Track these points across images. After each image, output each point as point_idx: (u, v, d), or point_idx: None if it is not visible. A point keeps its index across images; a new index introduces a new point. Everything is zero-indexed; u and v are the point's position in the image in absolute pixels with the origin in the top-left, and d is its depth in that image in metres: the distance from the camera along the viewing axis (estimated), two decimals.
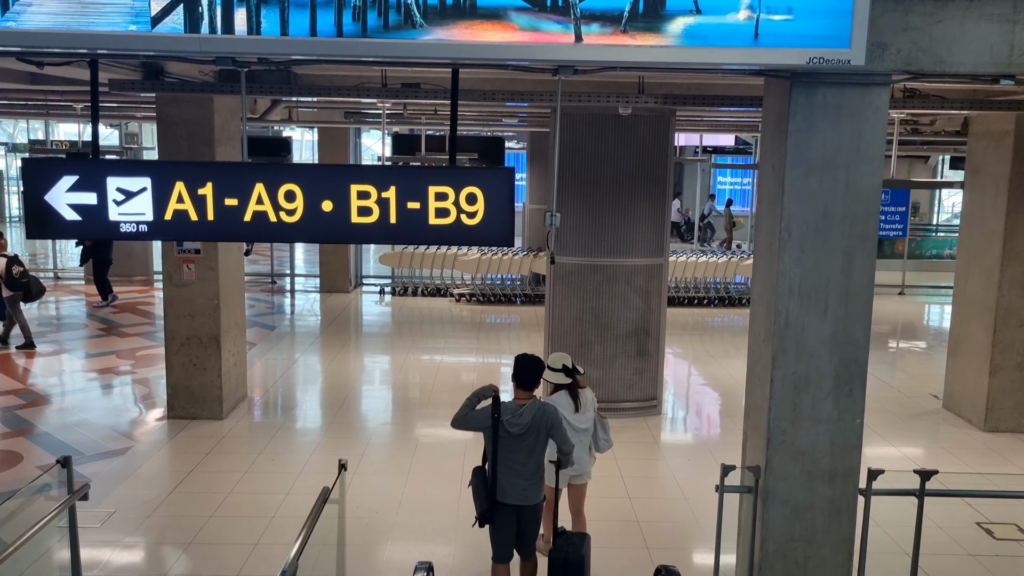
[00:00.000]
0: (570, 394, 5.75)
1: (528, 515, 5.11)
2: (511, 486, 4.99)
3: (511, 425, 4.94)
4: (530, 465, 5.01)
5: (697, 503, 7.08)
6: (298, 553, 4.03)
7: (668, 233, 9.21)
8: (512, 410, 4.98)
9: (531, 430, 4.96)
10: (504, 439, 4.94)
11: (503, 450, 4.95)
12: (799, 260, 4.82)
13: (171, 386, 8.87)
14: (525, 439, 4.96)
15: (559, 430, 5.08)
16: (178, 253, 8.64)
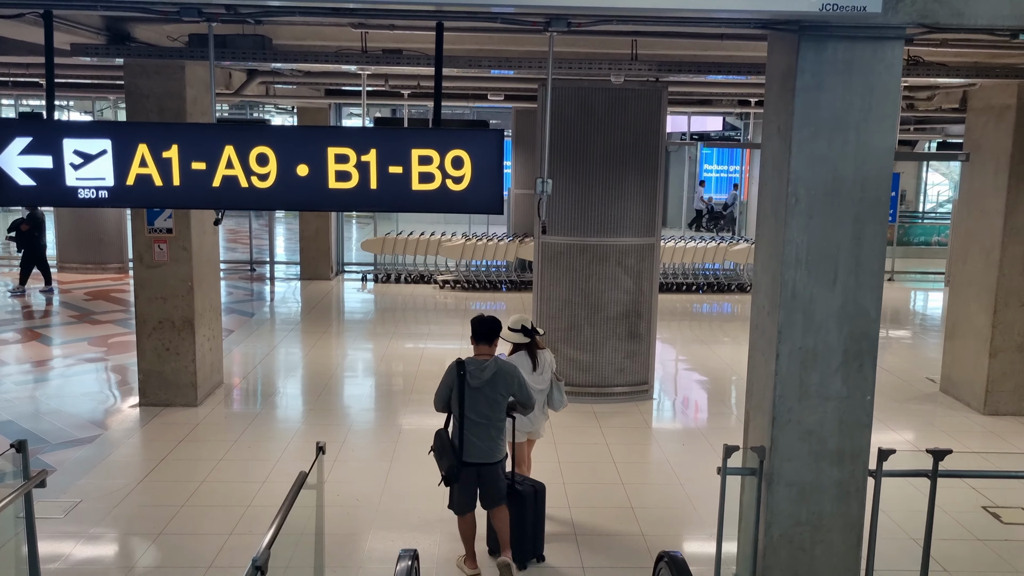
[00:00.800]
0: (529, 354, 6.00)
1: (489, 473, 5.28)
2: (473, 444, 5.18)
3: (473, 378, 5.15)
4: (492, 420, 5.22)
5: (693, 488, 6.80)
6: (271, 541, 3.70)
7: (660, 212, 8.92)
8: (476, 364, 5.21)
9: (492, 385, 5.17)
10: (468, 395, 5.15)
11: (468, 407, 5.16)
12: (807, 227, 4.53)
13: (143, 372, 8.49)
14: (486, 393, 5.17)
15: (524, 389, 5.33)
16: (149, 232, 8.26)
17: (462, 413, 5.18)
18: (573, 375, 8.92)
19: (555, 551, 5.72)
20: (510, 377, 5.26)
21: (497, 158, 4.62)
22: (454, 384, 5.19)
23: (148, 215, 8.22)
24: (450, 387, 5.21)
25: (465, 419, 5.17)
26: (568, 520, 6.21)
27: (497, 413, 5.22)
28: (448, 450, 5.20)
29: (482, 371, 5.17)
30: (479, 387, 5.16)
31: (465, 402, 5.16)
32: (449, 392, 5.22)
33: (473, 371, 5.17)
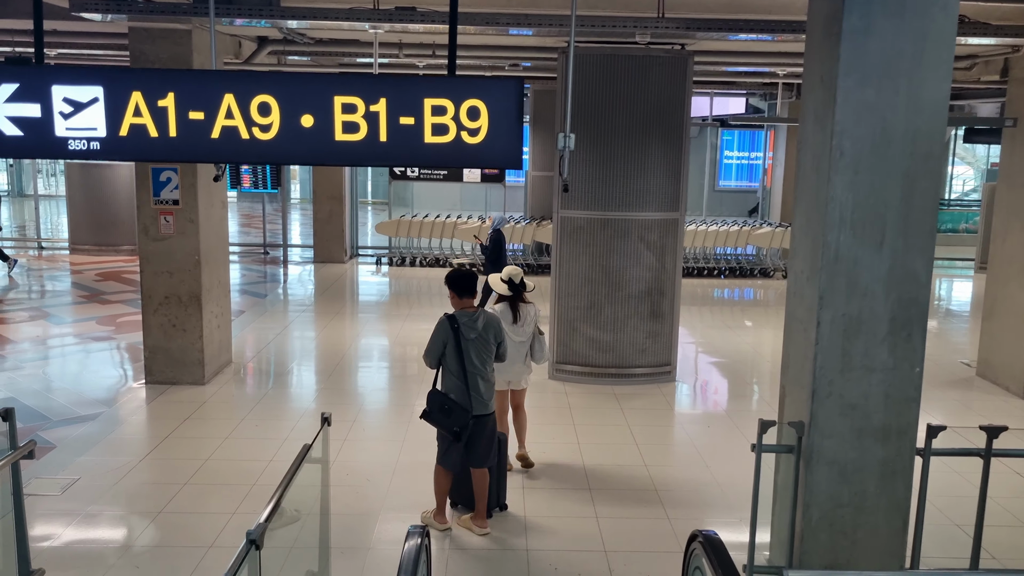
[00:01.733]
0: (511, 307, 6.17)
1: (482, 424, 5.32)
2: (470, 397, 5.21)
3: (468, 329, 5.22)
4: (487, 369, 5.32)
5: (720, 471, 6.46)
6: (269, 515, 3.40)
7: (685, 186, 8.55)
8: (468, 316, 5.27)
9: (484, 334, 5.28)
10: (463, 347, 5.19)
11: (463, 358, 5.20)
12: (852, 183, 4.17)
13: (148, 348, 8.22)
14: (481, 343, 5.25)
15: (504, 343, 5.46)
16: (155, 204, 7.98)
17: (456, 366, 5.21)
18: (593, 355, 8.59)
19: (577, 534, 5.41)
20: (498, 325, 5.44)
21: (516, 109, 4.29)
22: (449, 339, 5.21)
23: (154, 186, 7.94)
24: (444, 342, 5.23)
25: (460, 372, 5.21)
26: (589, 501, 5.89)
27: (488, 362, 5.34)
28: (456, 407, 5.19)
29: (475, 322, 5.26)
30: (474, 338, 5.23)
31: (460, 355, 5.20)
32: (443, 347, 5.23)
33: (467, 323, 5.24)
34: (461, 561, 5.07)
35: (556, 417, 7.67)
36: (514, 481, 6.21)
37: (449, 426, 5.20)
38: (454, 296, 5.38)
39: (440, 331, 5.25)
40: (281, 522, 5.34)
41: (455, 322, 5.22)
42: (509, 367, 6.06)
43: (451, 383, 5.26)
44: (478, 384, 5.26)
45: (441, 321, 5.27)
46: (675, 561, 5.07)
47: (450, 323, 5.23)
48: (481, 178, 15.74)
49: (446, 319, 5.26)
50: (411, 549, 3.45)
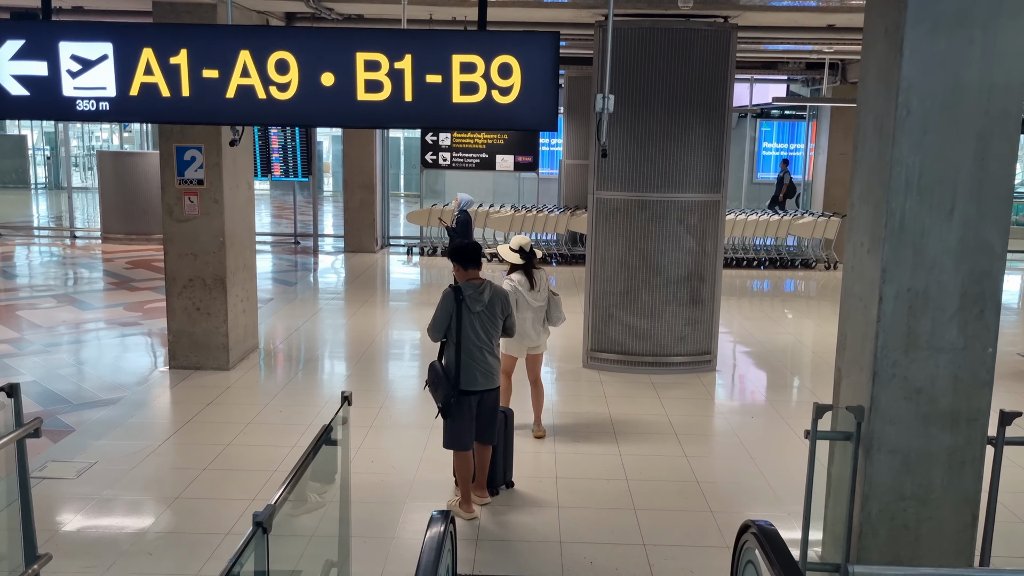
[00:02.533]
0: (526, 273, 6.21)
1: (489, 400, 5.20)
2: (476, 371, 5.08)
3: (474, 302, 5.05)
4: (491, 343, 5.14)
5: (766, 463, 6.09)
6: (281, 498, 3.12)
7: (727, 166, 8.16)
8: (473, 288, 5.09)
9: (490, 307, 5.12)
10: (467, 319, 5.03)
11: (467, 331, 5.04)
12: (920, 145, 3.80)
13: (172, 332, 8.03)
14: (486, 316, 5.10)
15: (512, 315, 5.34)
16: (179, 184, 7.77)
17: (460, 339, 5.05)
18: (628, 343, 8.24)
19: (613, 526, 5.08)
20: (505, 298, 5.28)
21: (551, 66, 4.00)
22: (453, 312, 5.03)
23: (178, 165, 7.74)
24: (449, 314, 5.05)
25: (463, 345, 5.05)
26: (625, 492, 5.56)
27: (494, 336, 5.17)
28: (443, 380, 5.07)
29: (480, 294, 5.09)
30: (480, 311, 5.08)
31: (463, 327, 5.04)
32: (449, 320, 5.06)
33: (472, 295, 5.07)
34: (490, 551, 4.77)
35: (591, 405, 7.34)
36: (547, 470, 5.91)
37: (437, 399, 5.12)
38: (459, 268, 5.19)
39: (445, 303, 5.06)
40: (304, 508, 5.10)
41: (460, 294, 5.04)
42: (529, 331, 6.20)
43: (451, 356, 5.11)
44: (485, 358, 5.10)
45: (446, 293, 5.09)
46: (720, 556, 4.73)
47: (455, 295, 5.04)
48: (514, 167, 15.42)
49: (451, 291, 5.07)
50: (434, 537, 3.16)
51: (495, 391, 5.24)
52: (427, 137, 15.30)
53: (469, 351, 5.06)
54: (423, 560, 2.97)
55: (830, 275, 14.37)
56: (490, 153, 15.24)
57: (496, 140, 15.21)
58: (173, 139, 7.71)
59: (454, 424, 5.15)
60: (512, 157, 15.32)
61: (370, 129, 14.80)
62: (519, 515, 5.22)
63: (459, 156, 15.28)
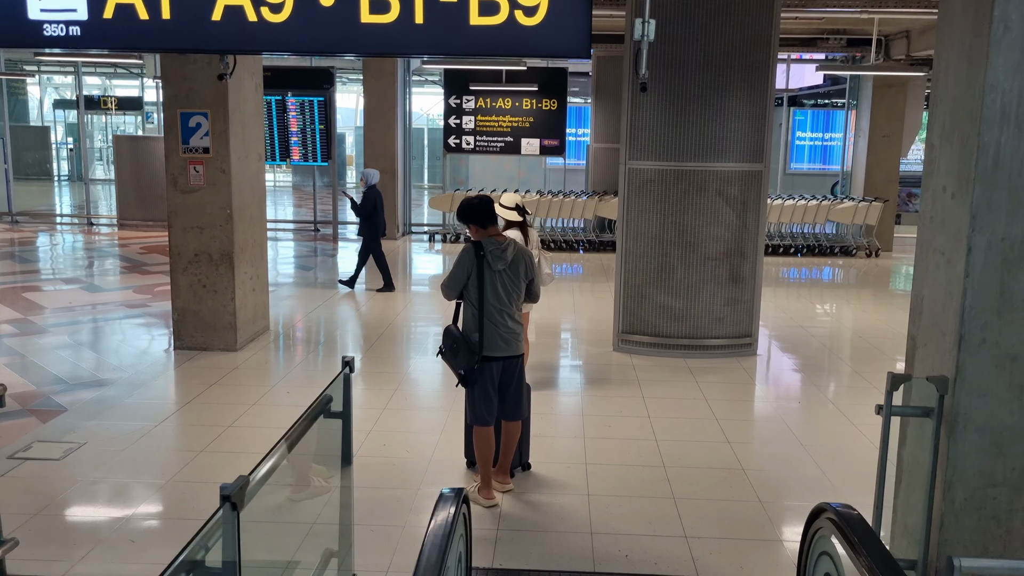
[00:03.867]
0: (522, 232, 5.93)
1: (513, 368, 4.70)
2: (497, 335, 4.58)
3: (496, 260, 4.55)
4: (513, 306, 4.65)
5: (819, 450, 5.51)
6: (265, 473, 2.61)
7: (770, 133, 7.57)
8: (495, 244, 4.59)
9: (514, 267, 4.62)
10: (488, 278, 4.54)
11: (487, 292, 4.55)
12: (1019, 66, 3.21)
13: (177, 311, 7.57)
14: (508, 276, 4.60)
15: (536, 278, 4.87)
16: (183, 153, 7.32)
17: (482, 300, 4.54)
18: (663, 324, 7.68)
19: (651, 516, 4.53)
20: (529, 259, 4.77)
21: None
22: (472, 269, 4.54)
23: (183, 132, 7.28)
24: (468, 272, 4.55)
25: (483, 307, 4.54)
26: (663, 479, 5.00)
27: (517, 298, 4.67)
28: (463, 345, 4.57)
29: (503, 252, 4.57)
30: (502, 270, 4.57)
31: (484, 287, 4.54)
32: (466, 278, 4.57)
33: (494, 251, 4.55)
34: (511, 542, 4.23)
35: (622, 389, 6.79)
36: (574, 455, 5.37)
37: (456, 366, 4.63)
38: (476, 229, 4.65)
39: (464, 260, 4.56)
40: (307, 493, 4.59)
41: (481, 249, 4.52)
42: None
43: (470, 320, 4.63)
44: (506, 322, 4.60)
45: (466, 249, 4.58)
46: (772, 551, 4.17)
47: (475, 250, 4.53)
48: (540, 151, 14.88)
49: (471, 246, 4.56)
50: (442, 522, 2.63)
51: (518, 359, 4.72)
52: (450, 120, 14.81)
53: (489, 314, 4.54)
54: (426, 549, 2.44)
55: (872, 263, 13.68)
56: (515, 137, 14.73)
57: (521, 123, 14.70)
58: (178, 104, 7.26)
59: (476, 395, 4.64)
60: (538, 141, 14.80)
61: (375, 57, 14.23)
62: (544, 503, 4.69)
63: (483, 140, 14.78)
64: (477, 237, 4.65)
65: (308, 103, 14.42)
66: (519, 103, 14.63)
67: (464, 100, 14.72)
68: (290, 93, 14.40)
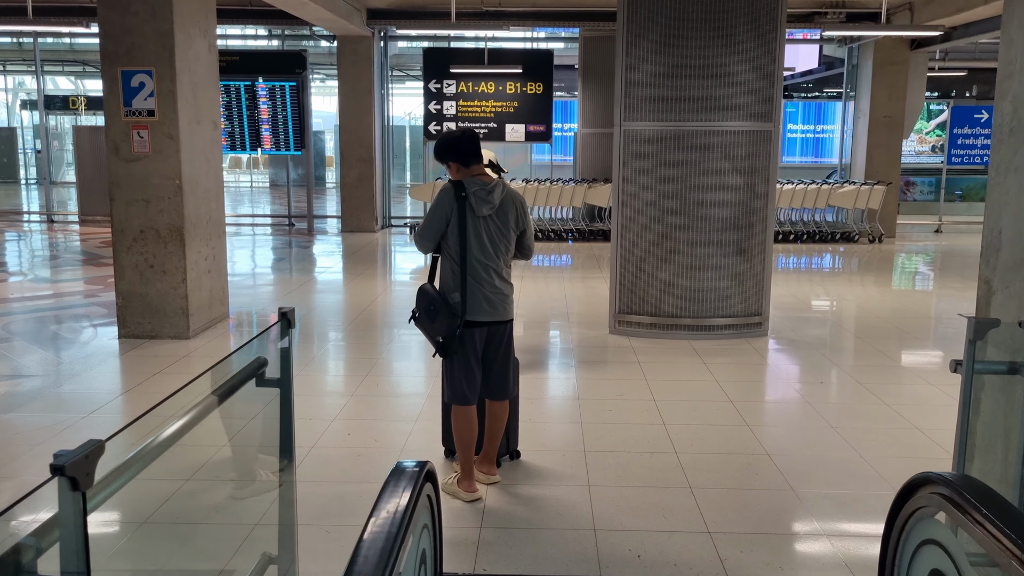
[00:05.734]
0: None
1: (499, 337, 3.94)
2: (481, 295, 3.82)
3: (480, 203, 3.77)
4: (501, 262, 3.88)
5: (851, 432, 4.77)
6: (152, 447, 1.84)
7: (780, 89, 6.85)
8: (481, 185, 3.80)
9: (502, 213, 3.85)
10: (471, 225, 3.77)
11: (471, 241, 3.78)
12: None
13: (121, 295, 6.77)
14: (496, 224, 3.84)
15: (530, 227, 4.02)
16: (126, 116, 6.53)
17: (464, 253, 3.78)
18: (665, 303, 6.93)
19: (665, 509, 3.77)
20: (521, 203, 3.96)
21: None
22: (452, 213, 3.77)
23: (124, 93, 6.49)
24: (447, 217, 3.79)
25: (468, 261, 3.79)
26: (676, 467, 4.24)
27: (505, 252, 3.90)
28: (443, 305, 3.81)
29: (489, 193, 3.80)
30: (488, 215, 3.81)
31: (468, 237, 3.77)
32: (445, 226, 3.81)
33: (479, 193, 3.78)
34: (498, 543, 3.45)
35: (622, 371, 6.04)
36: (571, 441, 4.60)
37: (434, 332, 3.86)
38: (457, 168, 3.87)
39: (442, 203, 3.81)
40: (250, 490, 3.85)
41: (463, 190, 3.77)
42: None
43: (450, 277, 3.87)
44: (492, 280, 3.85)
45: (445, 190, 3.83)
46: (815, 545, 3.42)
47: (456, 191, 3.78)
48: (525, 137, 14.14)
49: (451, 187, 3.82)
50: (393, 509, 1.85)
51: (506, 325, 3.96)
52: (430, 106, 14.06)
53: (472, 269, 3.81)
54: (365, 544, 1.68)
55: (875, 249, 12.99)
56: (499, 122, 13.98)
57: (506, 108, 13.96)
58: (118, 62, 6.47)
59: (455, 367, 3.88)
60: (523, 126, 14.06)
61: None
62: (537, 495, 3.92)
63: (465, 126, 14.02)
64: (458, 177, 3.90)
65: (279, 88, 13.65)
66: (503, 87, 13.90)
67: (445, 84, 13.97)
68: (260, 78, 13.62)
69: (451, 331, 3.80)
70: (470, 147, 3.87)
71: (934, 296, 9.34)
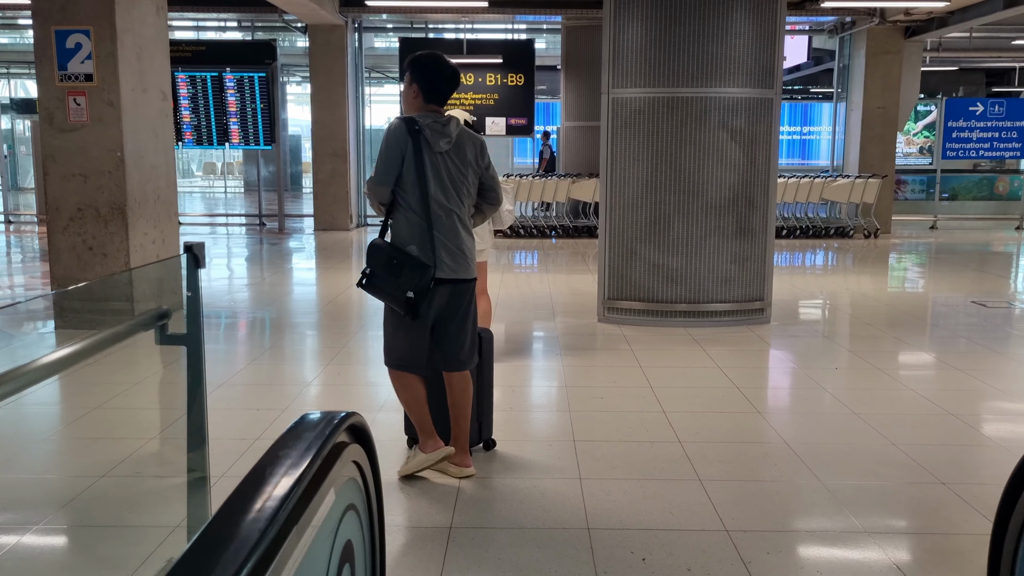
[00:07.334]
0: None
1: (460, 298, 3.36)
2: (441, 247, 3.25)
3: (436, 137, 3.24)
4: (462, 207, 3.33)
5: (878, 418, 4.17)
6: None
7: (781, 51, 6.30)
8: (433, 118, 3.27)
9: (459, 151, 3.31)
10: (431, 163, 3.23)
11: (432, 182, 3.23)
12: None
13: (56, 280, 6.11)
14: (454, 164, 3.30)
15: (492, 168, 3.46)
16: (60, 80, 5.88)
17: (424, 195, 3.22)
18: (658, 288, 6.33)
19: (671, 505, 3.15)
20: (481, 144, 3.43)
21: None
22: (406, 150, 3.21)
23: (58, 55, 5.85)
24: (401, 154, 3.22)
25: (429, 206, 3.22)
26: (681, 457, 3.62)
27: (469, 196, 3.37)
28: (409, 260, 3.20)
29: (445, 126, 3.27)
30: (446, 152, 3.27)
31: (427, 176, 3.22)
32: (400, 163, 3.22)
33: (433, 126, 3.24)
34: (472, 544, 2.81)
35: (613, 358, 5.43)
36: (558, 430, 3.99)
37: (399, 290, 3.22)
38: (417, 95, 3.29)
39: (395, 138, 3.23)
40: None
41: (415, 123, 3.22)
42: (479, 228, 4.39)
43: (406, 226, 3.28)
44: (454, 225, 3.29)
45: (394, 126, 3.26)
46: (856, 545, 2.81)
47: (407, 126, 3.22)
48: (507, 130, 13.57)
49: (401, 121, 3.25)
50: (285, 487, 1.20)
51: (468, 284, 3.38)
52: None
53: (435, 215, 3.24)
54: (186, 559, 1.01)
55: (871, 244, 12.47)
56: (479, 116, 13.37)
57: (486, 100, 13.39)
58: (51, 20, 5.84)
59: (401, 329, 3.32)
60: (504, 120, 13.50)
61: None
62: (519, 489, 3.28)
63: None
64: (412, 110, 3.30)
65: (248, 79, 13.00)
66: (482, 78, 13.33)
67: None
68: (228, 69, 12.97)
69: (424, 284, 3.21)
70: (447, 84, 3.32)
71: (942, 286, 8.80)
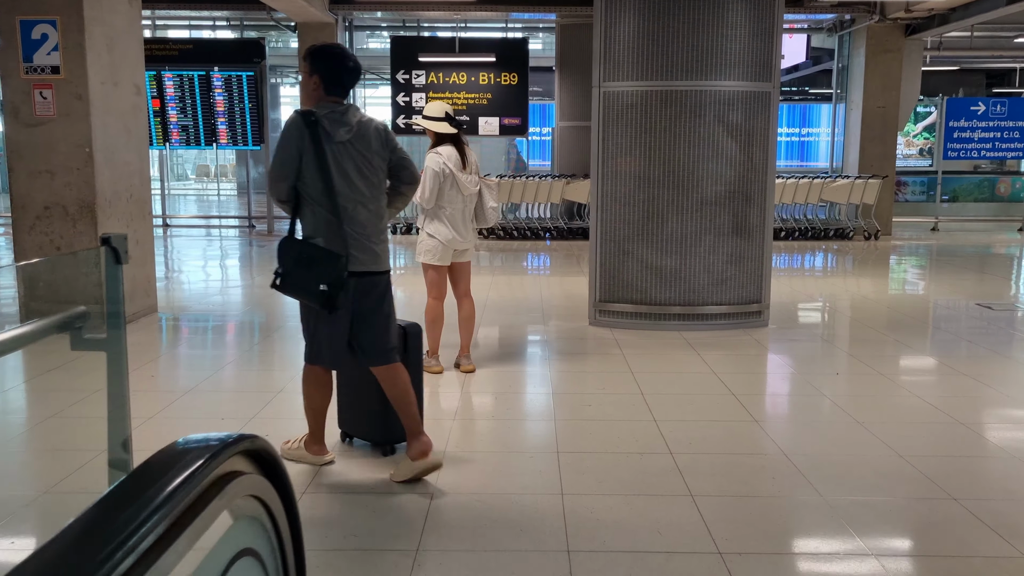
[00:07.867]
0: (457, 148, 4.77)
1: (374, 290, 3.29)
2: (348, 239, 3.16)
3: (335, 126, 3.17)
4: (371, 196, 3.25)
5: (882, 427, 3.92)
6: None
7: (779, 45, 6.06)
8: (330, 108, 3.21)
9: (362, 138, 3.23)
10: (332, 155, 3.15)
11: (336, 174, 3.15)
12: None
13: (23, 281, 5.84)
14: (358, 152, 3.21)
15: (400, 150, 3.39)
16: (26, 73, 5.63)
17: (328, 189, 3.13)
18: (651, 289, 6.08)
19: (660, 522, 2.89)
20: (386, 130, 3.36)
21: None
22: (304, 144, 3.13)
23: (23, 46, 5.60)
24: (299, 149, 3.14)
25: (335, 199, 3.14)
26: (672, 470, 3.37)
27: (379, 184, 3.30)
28: (321, 253, 3.13)
29: (343, 115, 3.21)
30: (347, 141, 3.19)
31: (329, 168, 3.13)
32: (299, 158, 3.14)
33: (331, 116, 3.18)
34: (438, 570, 2.56)
35: (603, 363, 5.17)
36: (541, 440, 3.73)
37: (313, 283, 3.14)
38: (318, 87, 3.22)
39: (291, 133, 3.16)
40: None
41: (311, 115, 3.16)
42: (458, 225, 4.73)
43: (312, 220, 3.19)
44: (362, 218, 3.21)
45: (290, 120, 3.19)
46: (864, 571, 2.55)
47: (303, 119, 3.15)
48: (500, 131, 13.32)
49: (297, 115, 3.19)
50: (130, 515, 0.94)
51: (382, 277, 3.33)
52: (399, 98, 13.23)
53: (341, 208, 3.16)
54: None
55: (872, 246, 12.21)
56: (472, 115, 13.13)
57: (479, 100, 13.14)
58: (17, 10, 5.59)
59: (321, 324, 3.28)
60: (497, 120, 13.24)
61: None
62: (492, 506, 3.03)
63: None
64: (311, 103, 3.23)
65: (236, 78, 12.74)
66: (475, 77, 13.09)
67: (413, 75, 13.15)
68: (216, 67, 12.72)
69: (337, 275, 3.11)
70: (349, 76, 3.25)
71: (945, 289, 8.55)
